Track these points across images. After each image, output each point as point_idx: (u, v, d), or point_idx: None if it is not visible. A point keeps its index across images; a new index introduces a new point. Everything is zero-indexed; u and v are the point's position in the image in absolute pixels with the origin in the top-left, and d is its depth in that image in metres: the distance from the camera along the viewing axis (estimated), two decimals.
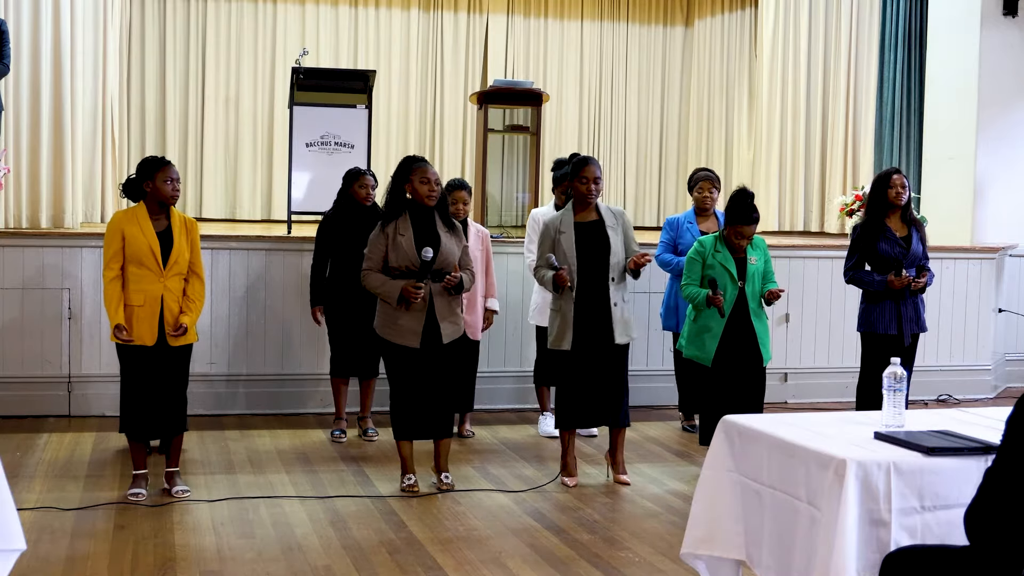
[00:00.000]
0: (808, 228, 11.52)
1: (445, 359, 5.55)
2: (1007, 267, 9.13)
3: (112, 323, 5.21)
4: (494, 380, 7.56)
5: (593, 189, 5.68)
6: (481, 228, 6.76)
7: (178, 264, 5.25)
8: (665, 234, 6.91)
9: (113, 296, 5.20)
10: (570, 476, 5.81)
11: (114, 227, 5.25)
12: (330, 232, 6.58)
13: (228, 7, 11.84)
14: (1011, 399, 7.68)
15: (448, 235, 5.52)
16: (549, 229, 5.73)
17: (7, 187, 7.45)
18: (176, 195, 5.26)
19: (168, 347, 5.26)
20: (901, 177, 6.16)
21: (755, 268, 5.79)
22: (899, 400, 3.60)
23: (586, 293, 5.65)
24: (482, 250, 6.58)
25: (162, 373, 5.27)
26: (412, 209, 5.50)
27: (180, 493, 5.36)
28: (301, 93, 8.32)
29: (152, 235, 5.20)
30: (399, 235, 5.43)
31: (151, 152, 11.47)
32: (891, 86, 10.99)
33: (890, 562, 3.06)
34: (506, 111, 9.00)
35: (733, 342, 5.76)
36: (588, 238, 5.67)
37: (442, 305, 5.50)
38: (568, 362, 5.69)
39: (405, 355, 5.49)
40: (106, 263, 5.24)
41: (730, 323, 5.75)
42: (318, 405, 7.37)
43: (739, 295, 5.75)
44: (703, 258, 5.81)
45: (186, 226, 5.32)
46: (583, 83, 12.98)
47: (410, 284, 5.36)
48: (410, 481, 5.58)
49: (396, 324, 5.47)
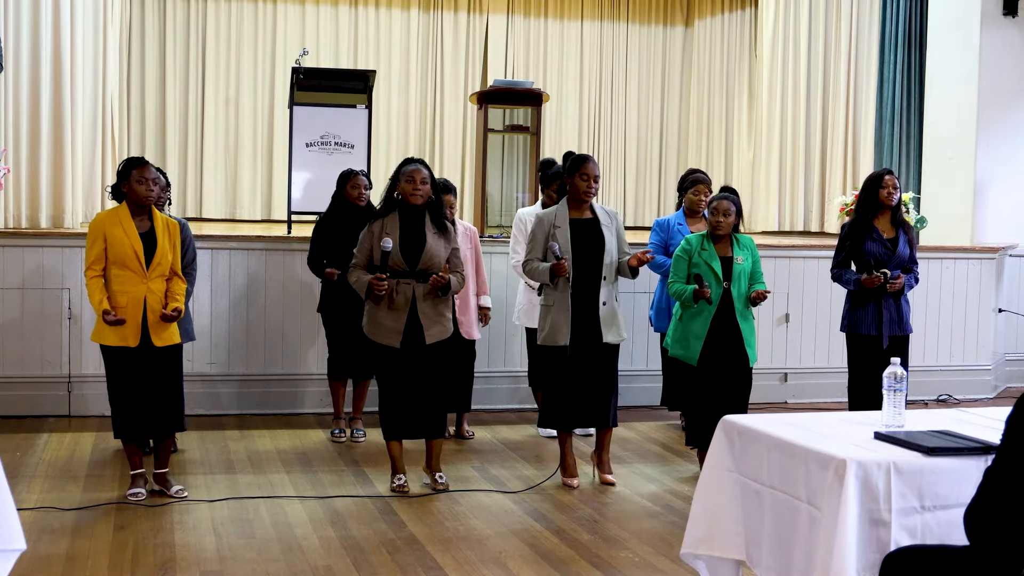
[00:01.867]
0: (808, 228, 11.52)
1: (430, 359, 5.53)
2: (1007, 267, 9.13)
3: (98, 311, 5.14)
4: (493, 380, 7.56)
5: (593, 187, 5.67)
6: (469, 226, 6.74)
7: (161, 266, 5.22)
8: (655, 235, 6.88)
9: (95, 289, 5.16)
10: (572, 477, 5.80)
11: (96, 228, 5.20)
12: (325, 233, 6.59)
13: (228, 7, 11.85)
14: (1011, 399, 7.67)
15: (436, 236, 5.51)
16: (544, 223, 5.70)
17: (7, 187, 7.45)
18: (150, 195, 5.19)
19: (153, 348, 5.22)
20: (893, 178, 6.18)
21: (741, 268, 5.74)
22: (899, 400, 3.60)
23: (578, 291, 5.63)
24: (471, 248, 6.56)
25: (149, 374, 5.25)
26: (403, 209, 5.52)
27: (178, 493, 5.35)
28: (301, 93, 8.32)
29: (135, 236, 5.16)
30: (384, 234, 5.45)
31: (151, 152, 11.51)
32: (891, 86, 10.99)
33: (890, 562, 3.06)
34: (506, 111, 9.00)
35: (719, 342, 5.72)
36: (583, 235, 5.66)
37: (426, 306, 5.49)
38: (561, 359, 5.66)
39: (388, 355, 5.50)
40: (88, 265, 5.20)
41: (715, 323, 5.71)
42: (318, 405, 7.38)
43: (725, 295, 5.73)
44: (689, 256, 5.78)
45: (168, 228, 5.30)
46: (583, 83, 12.99)
47: (374, 277, 5.39)
48: (400, 481, 5.58)
49: (379, 324, 5.49)
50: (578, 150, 12.63)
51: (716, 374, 5.73)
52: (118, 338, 5.17)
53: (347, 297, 6.39)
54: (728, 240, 5.78)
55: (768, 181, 11.65)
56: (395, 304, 5.44)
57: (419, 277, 5.45)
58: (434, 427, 5.62)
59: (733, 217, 5.74)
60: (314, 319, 7.19)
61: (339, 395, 6.80)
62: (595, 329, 5.64)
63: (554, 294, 5.65)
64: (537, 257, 5.68)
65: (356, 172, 6.67)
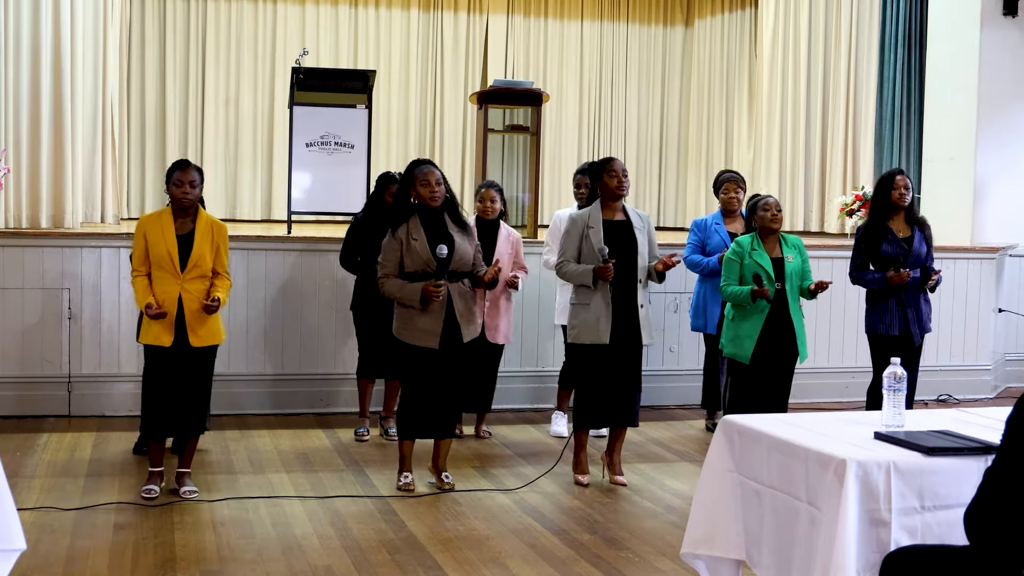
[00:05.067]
0: (808, 228, 11.52)
1: (463, 359, 5.58)
2: (1007, 267, 9.13)
3: (141, 305, 5.25)
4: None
5: (624, 183, 5.68)
6: (512, 231, 6.70)
7: (199, 267, 5.28)
8: (693, 235, 6.94)
9: (139, 287, 5.27)
10: (584, 474, 5.82)
11: (138, 231, 5.33)
12: (359, 234, 6.59)
13: (228, 7, 11.85)
14: (1011, 399, 7.68)
15: (460, 235, 5.53)
16: (577, 223, 5.70)
17: (7, 187, 7.44)
18: (185, 196, 5.25)
19: (189, 348, 5.28)
20: (904, 178, 6.17)
21: (792, 266, 5.86)
22: (899, 400, 3.60)
23: (614, 291, 5.63)
24: (510, 253, 6.57)
25: (181, 374, 5.30)
26: (421, 212, 5.51)
27: (188, 494, 5.36)
28: (301, 93, 8.32)
29: (172, 238, 5.24)
30: (412, 239, 5.43)
31: (151, 152, 11.53)
32: (891, 86, 10.98)
33: (890, 562, 3.06)
34: (506, 111, 8.99)
35: (772, 340, 5.83)
36: (616, 237, 5.65)
37: (461, 305, 5.51)
38: (599, 357, 5.65)
39: (423, 356, 5.49)
40: (133, 267, 5.35)
41: (769, 322, 5.81)
42: (318, 405, 7.38)
43: (778, 294, 5.80)
44: (741, 257, 5.86)
45: (212, 229, 5.35)
46: (583, 83, 12.98)
47: (430, 284, 5.37)
48: (407, 480, 5.59)
49: (415, 326, 5.47)
50: (578, 150, 12.72)
51: (767, 372, 5.83)
52: (152, 337, 5.25)
53: (379, 297, 6.38)
54: (776, 240, 5.90)
55: (768, 181, 11.64)
56: (431, 306, 5.45)
57: (451, 277, 5.46)
58: (446, 427, 5.64)
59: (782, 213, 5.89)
60: (315, 319, 7.19)
61: (367, 394, 6.80)
62: (633, 330, 5.65)
63: (591, 293, 5.63)
64: (572, 258, 5.69)
65: (395, 177, 6.61)
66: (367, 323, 6.62)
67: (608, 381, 5.68)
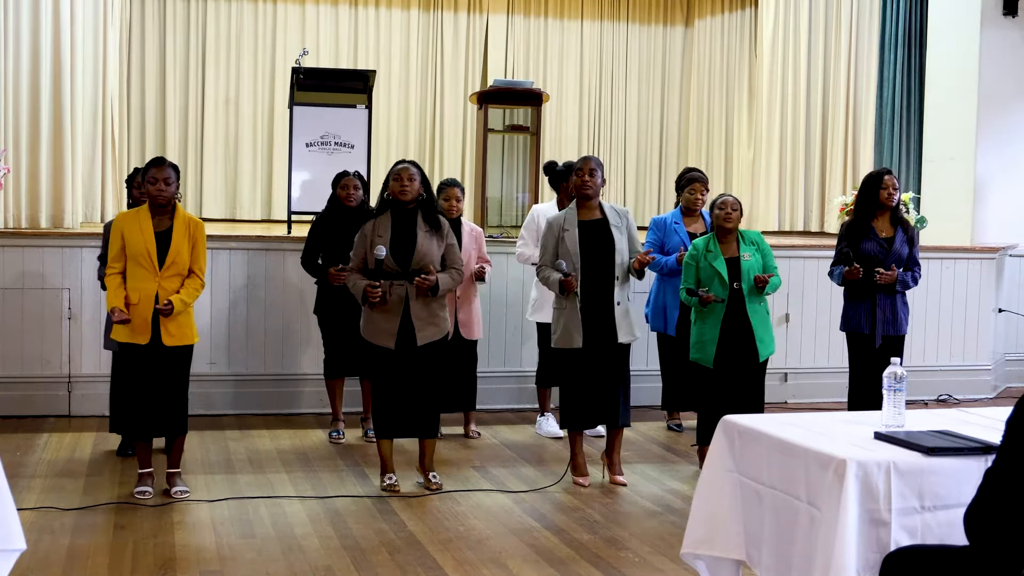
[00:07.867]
0: (808, 228, 11.52)
1: (423, 360, 5.53)
2: (1007, 267, 9.13)
3: (109, 307, 5.24)
4: (493, 380, 7.55)
5: (588, 181, 5.67)
6: (474, 227, 6.73)
7: (176, 264, 5.26)
8: (652, 234, 6.85)
9: (112, 285, 5.26)
10: (583, 476, 5.81)
11: (115, 228, 5.32)
12: (320, 233, 6.60)
13: (228, 7, 11.84)
14: (1011, 399, 7.68)
15: (428, 234, 5.51)
16: (553, 227, 5.73)
17: (7, 187, 7.45)
18: (160, 194, 5.22)
19: (164, 347, 5.26)
20: (893, 178, 6.18)
21: (749, 264, 5.76)
22: (899, 400, 3.59)
23: (590, 292, 5.64)
24: (475, 248, 6.57)
25: (157, 373, 5.28)
26: (395, 210, 5.52)
27: (179, 494, 5.36)
28: (301, 93, 8.32)
29: (150, 235, 5.23)
30: (376, 236, 5.47)
31: (151, 152, 11.48)
32: (891, 86, 10.99)
33: (890, 562, 3.06)
34: (506, 111, 9.00)
35: (731, 342, 5.75)
36: (592, 236, 5.67)
37: (418, 307, 5.48)
38: (576, 361, 5.69)
39: (383, 355, 5.52)
40: (108, 263, 5.32)
41: (727, 324, 5.74)
42: (317, 405, 7.37)
43: (736, 294, 5.73)
44: (696, 261, 5.81)
45: (189, 227, 5.33)
46: (583, 83, 12.97)
47: (368, 284, 5.40)
48: (390, 480, 5.59)
49: (375, 325, 5.51)
50: (578, 150, 12.70)
51: (730, 373, 5.76)
52: (128, 334, 5.24)
53: (342, 296, 6.38)
54: (734, 238, 5.80)
55: (768, 181, 11.64)
56: (388, 306, 5.45)
57: (412, 278, 5.45)
58: (427, 427, 5.62)
59: (740, 212, 5.78)
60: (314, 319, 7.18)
61: (336, 395, 6.79)
62: (610, 329, 5.66)
63: (564, 299, 5.69)
64: (549, 262, 5.71)
65: (348, 173, 6.66)
66: (331, 324, 6.62)
67: (589, 382, 5.69)
